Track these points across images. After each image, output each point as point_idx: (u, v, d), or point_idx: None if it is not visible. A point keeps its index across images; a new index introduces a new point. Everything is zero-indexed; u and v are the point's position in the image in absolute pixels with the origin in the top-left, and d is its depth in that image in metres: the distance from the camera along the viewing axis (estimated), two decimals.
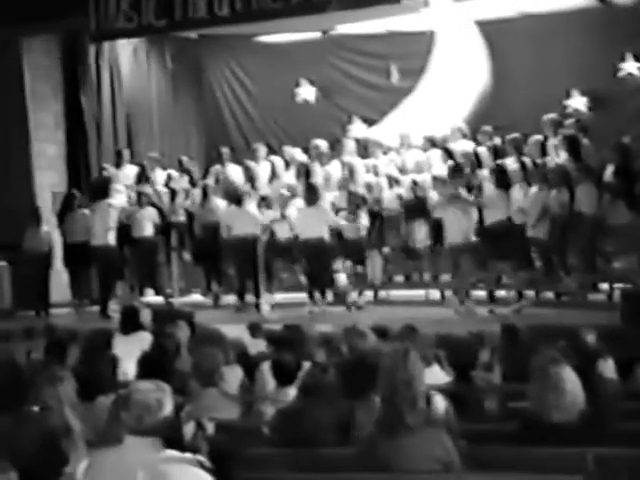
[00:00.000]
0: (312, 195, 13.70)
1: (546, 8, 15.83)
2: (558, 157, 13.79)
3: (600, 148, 13.88)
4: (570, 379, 5.06)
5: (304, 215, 13.76)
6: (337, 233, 13.97)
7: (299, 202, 14.53)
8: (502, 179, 13.10)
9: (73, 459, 4.64)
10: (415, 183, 14.49)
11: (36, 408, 5.62)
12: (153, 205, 15.26)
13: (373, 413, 5.31)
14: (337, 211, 14.27)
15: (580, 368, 5.24)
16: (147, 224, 14.96)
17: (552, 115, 14.66)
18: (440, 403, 5.59)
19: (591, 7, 15.41)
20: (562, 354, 5.66)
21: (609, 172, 13.16)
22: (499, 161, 14.03)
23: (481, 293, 13.61)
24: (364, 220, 13.85)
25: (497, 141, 15.10)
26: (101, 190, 15.15)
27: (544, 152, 14.15)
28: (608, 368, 7.49)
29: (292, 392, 6.53)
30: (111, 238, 14.58)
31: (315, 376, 6.08)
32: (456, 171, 13.67)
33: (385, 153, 16.08)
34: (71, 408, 5.47)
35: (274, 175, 15.91)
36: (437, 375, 7.20)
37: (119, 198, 15.34)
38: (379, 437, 4.91)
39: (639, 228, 12.66)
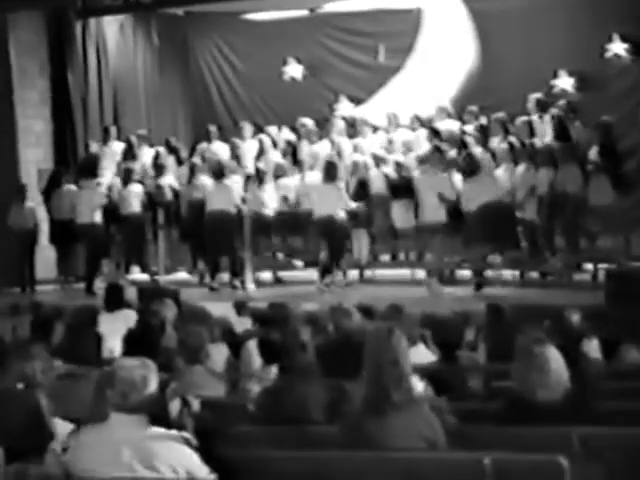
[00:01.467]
0: (330, 173, 13.63)
1: None
2: (545, 137, 13.81)
3: (585, 128, 13.92)
4: (554, 358, 5.07)
5: (321, 191, 13.67)
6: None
7: (290, 180, 14.60)
8: (471, 165, 13.05)
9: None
10: (398, 164, 14.47)
11: (21, 385, 5.63)
12: (139, 182, 15.22)
13: (359, 391, 5.33)
14: None
15: (565, 348, 5.25)
16: (134, 201, 14.92)
17: (538, 94, 14.68)
18: (418, 385, 5.61)
19: None
20: (547, 334, 5.69)
21: (594, 151, 13.19)
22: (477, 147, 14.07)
23: (466, 272, 13.67)
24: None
25: (483, 121, 15.10)
26: (89, 168, 15.13)
27: (532, 132, 14.15)
28: (592, 348, 7.54)
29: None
30: (97, 215, 14.57)
31: (294, 354, 6.08)
32: (436, 151, 13.65)
33: (374, 132, 16.04)
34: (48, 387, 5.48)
35: (262, 153, 15.86)
36: (422, 354, 7.23)
37: (106, 175, 15.32)
38: (365, 415, 4.92)
39: (623, 208, 12.72)
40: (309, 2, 16.90)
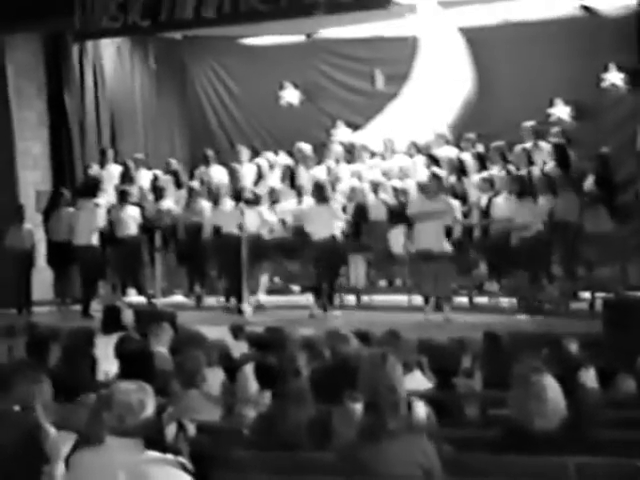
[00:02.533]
0: (321, 194, 13.65)
1: (531, 16, 15.84)
2: (545, 165, 13.85)
3: (582, 158, 13.96)
4: (551, 387, 5.07)
5: (314, 214, 13.69)
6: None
7: (287, 204, 14.68)
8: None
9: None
10: (395, 189, 14.49)
11: (17, 407, 5.61)
12: (137, 205, 15.24)
13: (353, 418, 5.32)
14: None
15: (562, 377, 5.25)
16: (130, 223, 14.94)
17: (531, 123, 14.74)
18: (421, 409, 5.60)
19: (576, 16, 15.43)
20: (545, 362, 5.69)
21: (590, 181, 13.24)
22: (485, 173, 14.09)
23: (463, 300, 13.70)
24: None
25: (480, 148, 15.15)
26: (89, 189, 15.15)
27: (530, 160, 14.20)
28: (589, 377, 7.53)
29: None
30: (94, 238, 14.59)
31: (287, 380, 6.07)
32: (435, 178, 13.69)
33: (371, 157, 16.08)
34: (45, 410, 5.46)
35: (260, 177, 15.88)
36: (419, 381, 7.21)
37: (105, 198, 15.34)
38: (360, 442, 4.91)
39: (621, 237, 12.74)
40: (306, 28, 16.93)
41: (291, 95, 18.23)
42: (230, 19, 13.97)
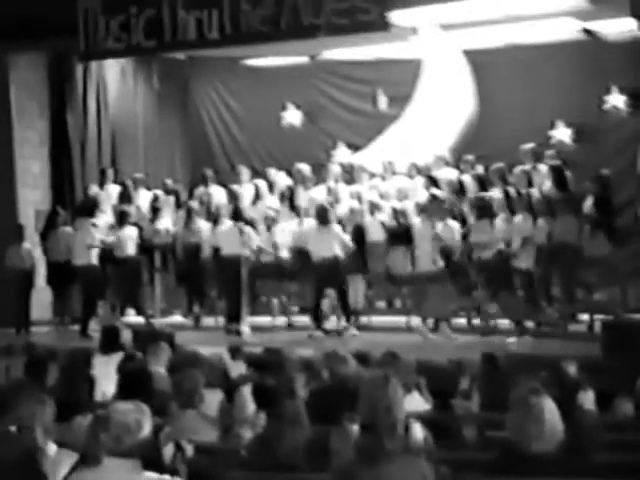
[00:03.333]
0: (324, 216, 13.68)
1: (533, 39, 15.90)
2: (543, 187, 13.86)
3: (582, 179, 13.96)
4: (550, 409, 5.06)
5: (316, 235, 13.73)
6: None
7: (287, 225, 14.68)
8: (484, 210, 13.19)
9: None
10: (395, 210, 14.50)
11: (14, 428, 5.59)
12: (135, 225, 15.25)
13: (350, 439, 5.30)
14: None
15: (560, 399, 5.24)
16: (129, 243, 14.93)
17: (531, 145, 14.75)
18: (419, 431, 5.59)
19: (578, 40, 15.49)
20: (543, 385, 5.67)
21: (589, 203, 13.24)
22: (480, 194, 14.10)
23: (461, 321, 13.69)
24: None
25: (480, 170, 15.16)
26: (87, 209, 15.17)
27: (530, 182, 14.21)
28: (588, 400, 7.52)
29: None
30: (93, 257, 14.58)
31: (282, 401, 6.06)
32: (434, 200, 13.70)
33: (370, 178, 16.09)
34: (45, 430, 5.44)
35: (257, 197, 15.90)
36: (417, 402, 7.20)
37: (104, 218, 15.36)
38: (358, 463, 4.89)
39: (620, 259, 12.73)
40: (309, 49, 16.99)
41: (293, 116, 18.30)
42: (232, 40, 14.01)
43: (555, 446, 5.04)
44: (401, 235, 14.04)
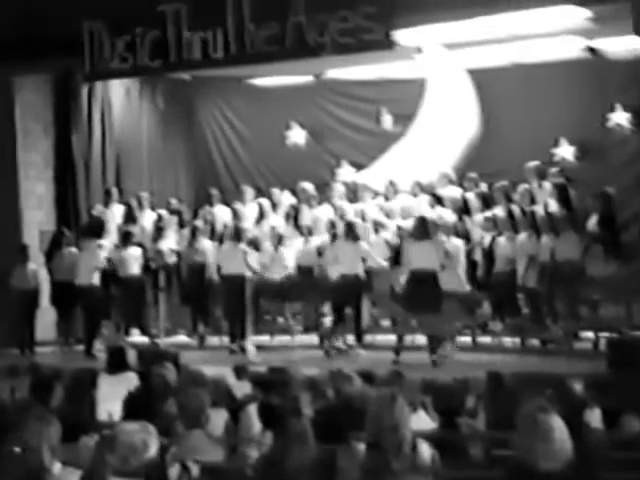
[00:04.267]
0: (352, 232, 13.63)
1: (537, 58, 15.92)
2: (547, 205, 13.86)
3: (586, 197, 13.97)
4: (558, 427, 5.03)
5: (342, 251, 13.64)
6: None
7: (294, 243, 14.77)
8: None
9: None
10: (400, 228, 14.49)
11: (18, 448, 5.58)
12: (139, 245, 15.26)
13: (356, 458, 5.29)
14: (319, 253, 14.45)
15: (567, 417, 5.22)
16: (133, 263, 14.94)
17: (535, 163, 14.76)
18: (426, 450, 5.57)
19: (582, 58, 15.51)
20: (549, 403, 5.65)
21: (593, 221, 13.24)
22: (488, 212, 14.10)
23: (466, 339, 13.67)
24: None
25: (484, 187, 15.17)
26: (92, 230, 15.18)
27: (533, 200, 14.22)
28: (594, 418, 7.50)
29: None
30: (95, 278, 14.58)
31: (288, 420, 6.05)
32: (420, 222, 13.62)
33: (374, 197, 16.10)
34: (51, 451, 5.42)
35: (262, 217, 15.91)
36: (423, 421, 7.19)
37: (109, 238, 15.38)
38: None
39: (624, 276, 12.71)
40: (314, 68, 17.04)
41: (297, 135, 18.33)
42: (237, 60, 14.03)
43: (563, 465, 5.01)
44: None
